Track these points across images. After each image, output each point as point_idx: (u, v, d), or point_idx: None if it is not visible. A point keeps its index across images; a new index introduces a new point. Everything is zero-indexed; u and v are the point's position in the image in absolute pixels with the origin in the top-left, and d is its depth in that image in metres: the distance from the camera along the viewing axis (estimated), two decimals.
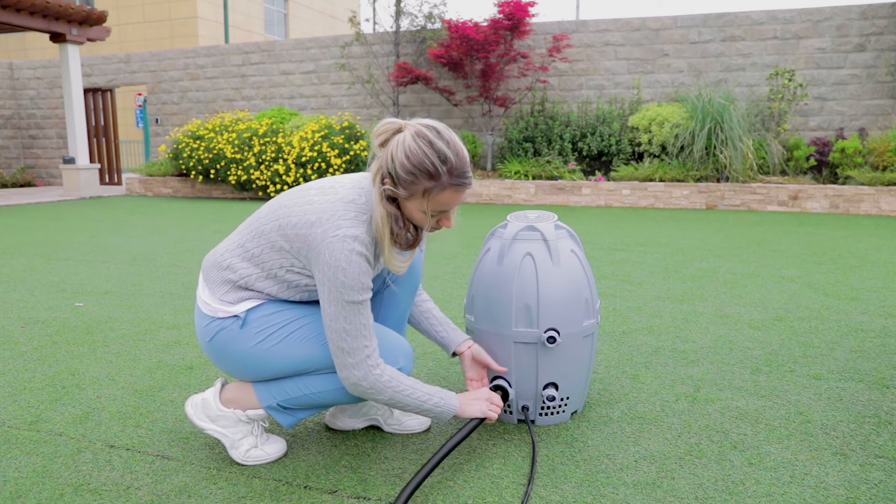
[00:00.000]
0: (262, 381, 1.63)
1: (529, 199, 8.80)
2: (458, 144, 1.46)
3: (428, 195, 1.45)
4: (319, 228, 1.45)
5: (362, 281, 1.45)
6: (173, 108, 12.36)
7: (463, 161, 1.45)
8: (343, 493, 1.53)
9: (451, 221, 1.54)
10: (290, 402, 1.61)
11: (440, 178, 1.43)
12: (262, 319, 1.56)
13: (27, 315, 3.15)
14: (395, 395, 1.52)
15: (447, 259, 4.61)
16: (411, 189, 1.44)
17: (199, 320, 1.63)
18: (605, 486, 1.55)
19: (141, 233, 6.14)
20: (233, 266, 1.58)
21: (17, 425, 1.91)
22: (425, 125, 1.45)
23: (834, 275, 3.97)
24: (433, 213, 1.48)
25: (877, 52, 8.43)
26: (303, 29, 24.04)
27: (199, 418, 1.68)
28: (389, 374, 1.52)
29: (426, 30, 10.00)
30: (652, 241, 5.42)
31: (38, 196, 10.46)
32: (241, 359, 1.57)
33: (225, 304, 1.58)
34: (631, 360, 2.44)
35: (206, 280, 1.63)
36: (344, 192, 1.51)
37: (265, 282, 1.56)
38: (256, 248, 1.55)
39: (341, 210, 1.47)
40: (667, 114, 8.48)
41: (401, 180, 1.43)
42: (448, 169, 1.43)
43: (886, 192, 7.35)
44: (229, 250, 1.61)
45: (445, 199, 1.46)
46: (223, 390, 1.69)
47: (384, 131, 1.46)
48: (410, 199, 1.46)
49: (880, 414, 1.93)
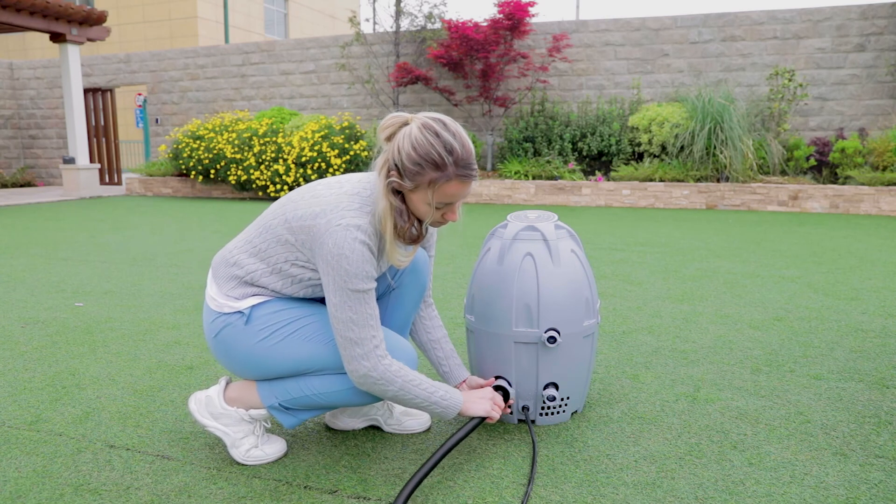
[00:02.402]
0: (266, 380, 1.63)
1: (529, 199, 8.80)
2: (464, 136, 1.47)
3: (434, 186, 1.45)
4: (324, 219, 1.46)
5: (366, 269, 1.45)
6: (173, 108, 12.36)
7: (469, 152, 1.46)
8: (343, 493, 1.53)
9: (456, 215, 1.54)
10: (292, 402, 1.61)
11: (446, 169, 1.43)
12: (267, 317, 1.56)
13: (27, 315, 3.15)
14: (405, 386, 1.51)
15: (447, 259, 4.61)
16: (417, 180, 1.44)
17: (206, 316, 1.64)
18: (605, 486, 1.55)
19: (141, 233, 6.14)
20: (240, 262, 1.59)
21: (17, 425, 1.91)
22: (432, 117, 1.46)
23: (834, 275, 3.97)
24: (438, 206, 1.49)
25: (877, 52, 8.43)
26: (303, 29, 24.04)
27: (202, 415, 1.68)
28: (398, 365, 1.52)
29: (426, 30, 10.00)
30: (652, 241, 5.42)
31: (38, 196, 10.46)
32: (244, 356, 1.58)
33: (231, 299, 1.58)
34: (631, 360, 2.44)
35: (215, 276, 1.64)
36: (350, 186, 1.52)
37: (270, 277, 1.57)
38: (262, 242, 1.57)
39: (346, 201, 1.48)
40: (667, 114, 8.48)
41: (407, 172, 1.44)
42: (454, 160, 1.43)
43: (886, 192, 7.35)
44: (238, 247, 1.62)
45: (451, 190, 1.47)
46: (227, 388, 1.69)
47: (391, 125, 1.47)
48: (416, 190, 1.47)
49: (880, 414, 1.93)
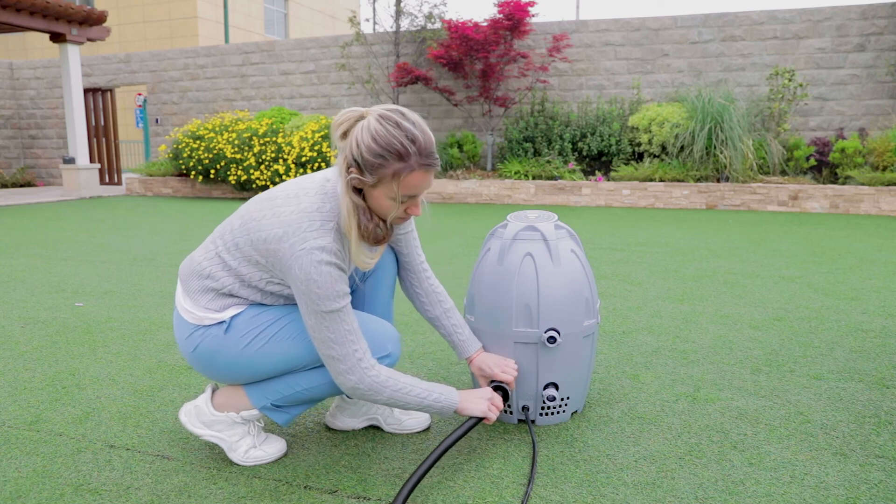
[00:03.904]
0: (253, 383, 1.62)
1: (529, 199, 8.80)
2: (424, 125, 1.43)
3: (398, 178, 1.40)
4: (286, 243, 1.43)
5: (336, 289, 1.43)
6: (173, 108, 12.36)
7: (431, 141, 1.43)
8: (343, 493, 1.53)
9: (419, 209, 1.50)
10: (283, 400, 1.61)
11: (409, 159, 1.39)
12: (246, 323, 1.55)
13: (27, 315, 3.15)
14: (395, 395, 1.51)
15: (447, 259, 4.61)
16: (379, 173, 1.40)
17: (180, 330, 1.60)
18: (605, 486, 1.55)
19: (141, 233, 6.14)
20: (214, 275, 1.56)
21: (17, 425, 1.91)
22: (390, 108, 1.41)
23: (834, 275, 3.97)
24: (402, 200, 1.45)
25: (877, 52, 8.43)
26: (303, 29, 24.04)
27: (194, 425, 1.67)
28: (386, 374, 1.51)
29: (426, 30, 10.00)
30: (652, 241, 5.42)
31: (38, 196, 10.46)
32: (229, 365, 1.56)
33: (210, 311, 1.56)
34: (631, 360, 2.44)
35: (187, 289, 1.60)
36: (308, 202, 1.47)
37: (248, 289, 1.56)
38: (234, 261, 1.54)
39: (306, 222, 1.43)
40: (667, 114, 8.48)
41: (368, 165, 1.39)
42: (417, 149, 1.39)
43: (886, 192, 7.35)
44: (207, 258, 1.58)
45: (415, 181, 1.42)
46: (214, 395, 1.68)
47: (345, 121, 1.42)
48: (378, 185, 1.42)
49: (880, 414, 1.93)
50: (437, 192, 9.20)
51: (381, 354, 1.60)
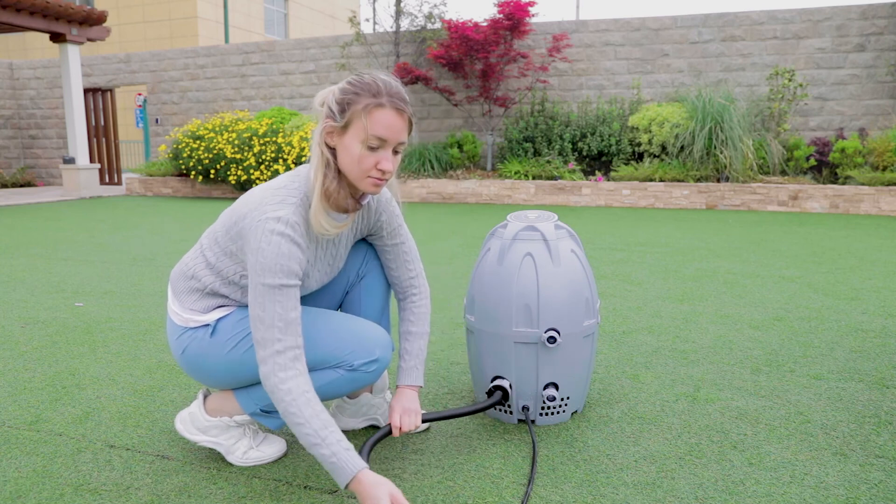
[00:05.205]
0: (242, 387, 1.62)
1: (529, 199, 8.80)
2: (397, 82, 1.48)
3: (368, 112, 1.40)
4: (248, 219, 1.43)
5: (282, 263, 1.38)
6: (173, 108, 12.36)
7: (402, 90, 1.46)
8: (343, 493, 1.53)
9: (390, 163, 1.43)
10: (272, 405, 1.60)
11: (381, 97, 1.41)
12: (231, 327, 1.55)
13: (27, 315, 3.15)
14: (287, 417, 1.36)
15: (447, 259, 4.61)
16: (352, 109, 1.41)
17: (170, 333, 1.61)
18: (605, 486, 1.55)
19: (141, 233, 6.14)
20: (197, 275, 1.57)
21: (17, 425, 1.91)
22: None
23: (834, 275, 3.97)
24: (372, 144, 1.41)
25: (877, 52, 8.43)
26: (303, 29, 24.04)
27: (190, 432, 1.67)
28: (300, 391, 1.36)
29: (426, 30, 10.00)
30: (652, 241, 5.42)
31: (38, 196, 10.46)
32: (215, 368, 1.56)
33: (196, 313, 1.56)
34: (631, 360, 2.44)
35: (175, 291, 1.61)
36: (277, 181, 1.49)
37: (228, 287, 1.56)
38: (213, 256, 1.54)
39: (269, 196, 1.44)
40: (667, 114, 8.48)
41: (340, 104, 1.42)
42: (388, 91, 1.42)
43: (886, 192, 7.35)
44: (193, 258, 1.60)
45: (387, 118, 1.41)
46: (206, 401, 1.68)
47: (324, 93, 1.48)
48: (349, 127, 1.42)
49: (880, 414, 1.93)
50: (437, 192, 9.21)
51: (368, 359, 1.54)
